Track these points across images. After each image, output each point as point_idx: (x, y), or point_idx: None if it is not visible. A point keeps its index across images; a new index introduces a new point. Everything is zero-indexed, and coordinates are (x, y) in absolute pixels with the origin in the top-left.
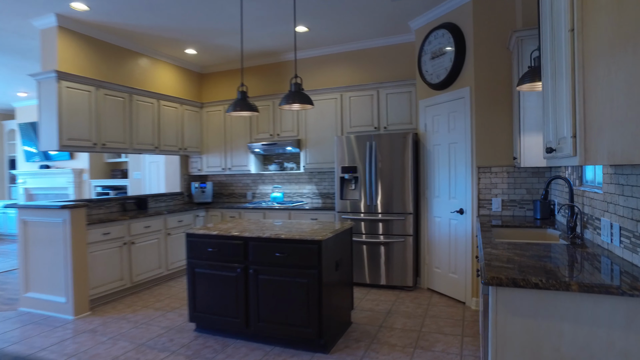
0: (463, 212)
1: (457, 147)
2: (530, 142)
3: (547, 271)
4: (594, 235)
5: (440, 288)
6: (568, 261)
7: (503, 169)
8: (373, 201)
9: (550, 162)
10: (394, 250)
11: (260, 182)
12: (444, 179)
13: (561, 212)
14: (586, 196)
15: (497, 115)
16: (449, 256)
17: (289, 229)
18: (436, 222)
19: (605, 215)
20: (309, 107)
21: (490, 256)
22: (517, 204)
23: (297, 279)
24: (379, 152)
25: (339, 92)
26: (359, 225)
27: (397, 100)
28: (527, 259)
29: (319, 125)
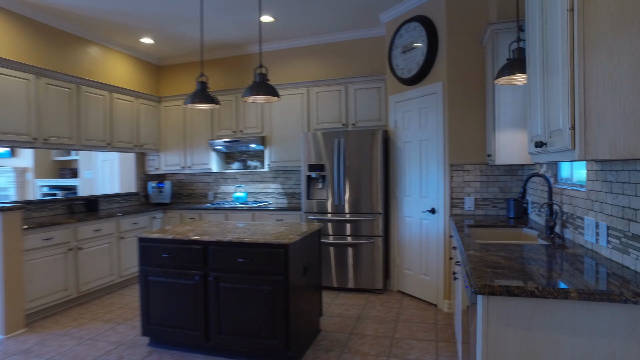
0: (435, 212)
1: (429, 145)
2: (505, 139)
3: (539, 276)
4: (574, 234)
5: (411, 290)
6: (558, 265)
7: (476, 167)
8: (341, 201)
9: (537, 158)
10: (362, 252)
11: (222, 182)
12: (415, 178)
13: (535, 210)
14: (566, 194)
15: (471, 111)
16: (420, 257)
17: (252, 231)
18: (407, 222)
19: (590, 214)
20: (274, 100)
21: (474, 260)
22: (490, 202)
23: (261, 287)
24: (347, 150)
25: (305, 87)
26: (326, 226)
27: (366, 96)
28: (514, 262)
29: (285, 121)
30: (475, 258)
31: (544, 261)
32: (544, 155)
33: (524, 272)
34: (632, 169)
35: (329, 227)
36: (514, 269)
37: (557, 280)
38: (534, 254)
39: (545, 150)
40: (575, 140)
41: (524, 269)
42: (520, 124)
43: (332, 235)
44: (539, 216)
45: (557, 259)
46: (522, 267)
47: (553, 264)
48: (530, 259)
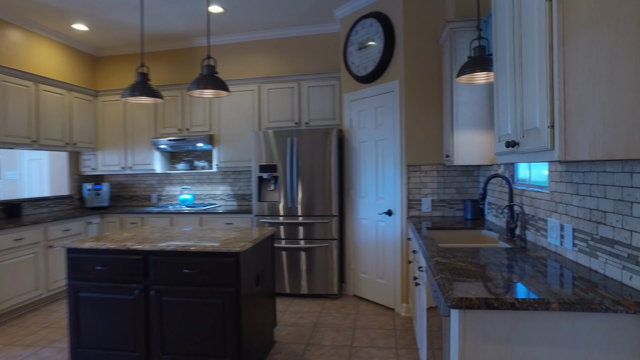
0: (392, 214)
1: (385, 144)
2: (463, 139)
3: (514, 286)
4: (537, 237)
5: (367, 294)
6: (529, 271)
7: (433, 168)
8: (294, 203)
9: (506, 159)
10: (317, 256)
11: (167, 183)
12: (370, 179)
13: (492, 212)
14: (527, 195)
15: (428, 111)
16: (377, 261)
17: (200, 238)
18: (362, 224)
19: (553, 216)
20: (224, 95)
21: (443, 268)
22: (446, 204)
23: (210, 300)
24: (300, 150)
25: (256, 84)
26: (279, 229)
27: (320, 94)
28: (484, 269)
29: (234, 119)
30: (443, 266)
31: (513, 267)
32: (514, 155)
33: (498, 281)
34: (601, 171)
35: (282, 231)
36: (486, 277)
37: (534, 290)
38: (501, 259)
39: (517, 150)
40: (555, 140)
41: (497, 278)
42: (478, 124)
43: (285, 239)
44: (496, 217)
45: (525, 264)
46: (494, 275)
47: (523, 270)
48: (500, 265)
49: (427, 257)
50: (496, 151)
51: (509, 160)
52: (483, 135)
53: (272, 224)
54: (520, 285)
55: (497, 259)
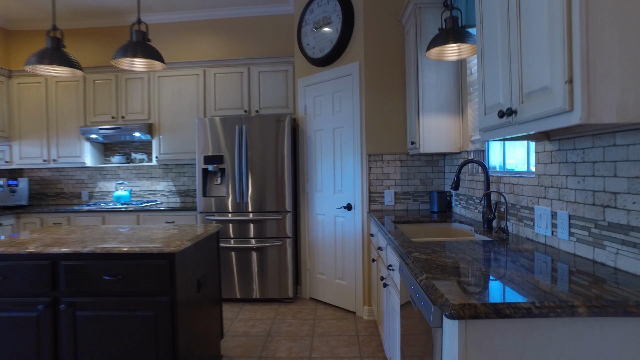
0: (351, 208)
1: (344, 133)
2: (430, 125)
3: (517, 285)
4: (519, 227)
5: (325, 297)
6: (527, 267)
7: (396, 157)
8: (243, 198)
9: (498, 134)
10: (269, 256)
11: (100, 178)
12: (328, 170)
13: (461, 203)
14: (505, 182)
15: (390, 95)
16: (335, 260)
17: (128, 238)
18: (319, 220)
19: (542, 202)
20: (158, 67)
21: (424, 265)
22: (410, 196)
23: (139, 312)
24: (250, 139)
25: (202, 67)
26: (227, 227)
27: (272, 80)
28: (473, 266)
29: (177, 106)
30: (424, 263)
31: (507, 263)
32: (509, 128)
33: (496, 280)
34: (609, 145)
35: (230, 229)
36: (480, 275)
37: (550, 291)
38: (487, 253)
39: (514, 120)
40: (575, 99)
41: (494, 275)
42: (446, 108)
43: (234, 238)
44: (466, 209)
45: (518, 258)
46: (488, 271)
47: (519, 265)
48: (489, 261)
49: (403, 254)
50: (482, 126)
51: (502, 135)
52: (451, 120)
53: (219, 222)
54: (522, 285)
55: (483, 254)
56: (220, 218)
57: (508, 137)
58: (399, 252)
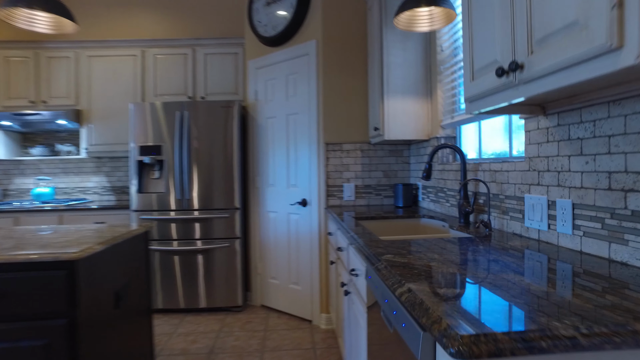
0: (307, 204)
1: (299, 120)
2: (395, 108)
3: (535, 297)
4: (504, 221)
5: (278, 304)
6: (536, 271)
7: (357, 147)
8: (185, 194)
9: (495, 100)
10: (216, 260)
11: (17, 174)
12: (280, 162)
13: (429, 197)
14: (485, 170)
15: (351, 77)
16: (289, 262)
17: (18, 242)
18: (271, 218)
19: (535, 190)
20: (69, 27)
21: (403, 272)
22: (372, 190)
23: (24, 343)
24: (193, 127)
25: (139, 47)
26: (168, 228)
27: (220, 63)
28: (463, 270)
29: (110, 90)
30: (402, 269)
31: (506, 265)
32: (511, 91)
33: (504, 293)
34: (632, 112)
35: (171, 230)
36: (483, 285)
37: (582, 308)
38: (477, 253)
39: (517, 79)
40: (627, 29)
41: (500, 285)
42: (413, 90)
43: (177, 240)
44: (435, 203)
45: (515, 259)
46: (490, 278)
47: (535, 271)
48: (485, 264)
49: (371, 256)
50: (469, 94)
51: (497, 102)
52: (419, 103)
53: (159, 221)
54: (541, 297)
55: (472, 255)
56: (159, 217)
57: (505, 104)
58: (366, 253)
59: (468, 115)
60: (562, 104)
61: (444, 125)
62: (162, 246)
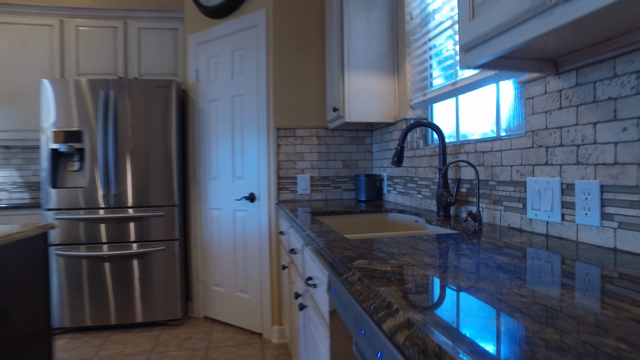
0: (255, 199)
1: (246, 102)
2: (358, 85)
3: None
4: (496, 213)
5: (224, 316)
6: (555, 277)
7: (312, 133)
8: (112, 189)
9: (507, 40)
10: (150, 266)
11: None
12: (225, 152)
13: (396, 188)
14: (469, 152)
15: (306, 51)
16: (236, 267)
17: None
18: (215, 216)
19: (541, 172)
20: None
21: (391, 291)
22: (331, 182)
23: None
24: (121, 110)
25: (57, 16)
26: (94, 229)
27: (156, 39)
28: (474, 282)
29: (19, 66)
30: (386, 282)
31: (515, 269)
32: (543, 18)
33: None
34: None
35: (99, 231)
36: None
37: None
38: (476, 254)
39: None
40: None
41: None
42: (378, 65)
43: (105, 244)
44: (403, 196)
45: (530, 261)
46: (508, 288)
47: (539, 272)
48: (504, 272)
49: (337, 261)
50: (469, 38)
51: (519, 38)
52: (384, 80)
53: (79, 221)
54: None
55: (477, 257)
56: (80, 217)
57: (524, 39)
58: (328, 258)
59: (443, 90)
60: (584, 56)
61: (414, 105)
62: (90, 252)
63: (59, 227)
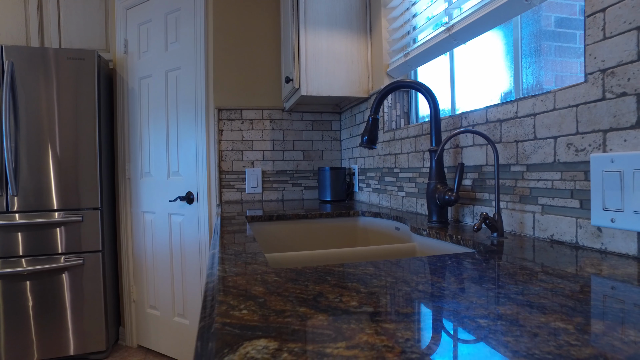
0: (194, 200)
1: (182, 78)
2: (319, 49)
3: None
4: (525, 217)
5: (160, 346)
6: None
7: (264, 115)
8: (10, 189)
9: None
10: (66, 285)
11: None
12: (158, 141)
13: (371, 185)
14: (475, 123)
15: (256, 10)
16: (173, 285)
17: None
18: (147, 221)
19: (624, 143)
20: None
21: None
22: (288, 177)
23: None
24: (24, 87)
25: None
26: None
27: (81, 5)
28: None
29: None
30: None
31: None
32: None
33: None
34: None
35: (1, 243)
36: None
37: None
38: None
39: None
40: None
41: None
42: (344, 22)
43: (9, 258)
44: (380, 193)
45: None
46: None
47: None
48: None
49: (202, 349)
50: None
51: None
52: (353, 41)
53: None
54: None
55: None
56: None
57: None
58: (203, 318)
59: (433, 41)
60: None
61: (392, 72)
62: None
63: None
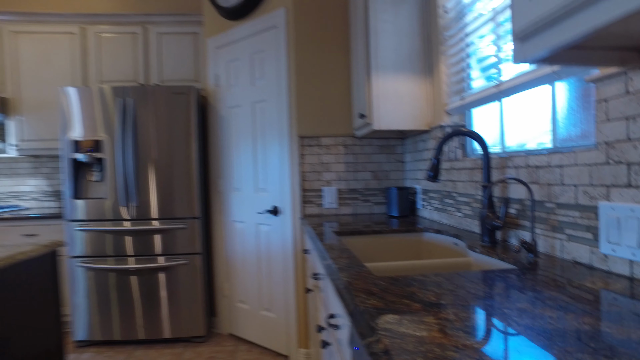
0: (278, 212)
1: (267, 109)
2: (386, 89)
3: None
4: (555, 242)
5: (248, 334)
6: None
7: (339, 141)
8: (131, 200)
9: (591, 17)
10: (173, 280)
11: None
12: (246, 161)
13: (432, 203)
14: (517, 166)
15: (330, 52)
16: (260, 284)
17: None
18: (237, 229)
19: (619, 195)
20: None
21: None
22: (359, 195)
23: None
24: (141, 118)
25: (78, 24)
26: (119, 242)
27: (176, 44)
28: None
29: (45, 75)
30: (415, 355)
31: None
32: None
33: None
34: None
35: (123, 244)
36: None
37: None
38: (555, 305)
39: None
40: None
41: None
42: (408, 65)
43: (129, 256)
44: (440, 212)
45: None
46: None
47: None
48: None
49: (358, 314)
50: (527, 22)
51: (609, 12)
52: (416, 83)
53: (99, 233)
54: None
55: (541, 310)
56: (97, 228)
57: (620, 13)
58: (349, 305)
59: (485, 93)
60: None
61: (450, 110)
62: (118, 264)
63: (81, 239)
